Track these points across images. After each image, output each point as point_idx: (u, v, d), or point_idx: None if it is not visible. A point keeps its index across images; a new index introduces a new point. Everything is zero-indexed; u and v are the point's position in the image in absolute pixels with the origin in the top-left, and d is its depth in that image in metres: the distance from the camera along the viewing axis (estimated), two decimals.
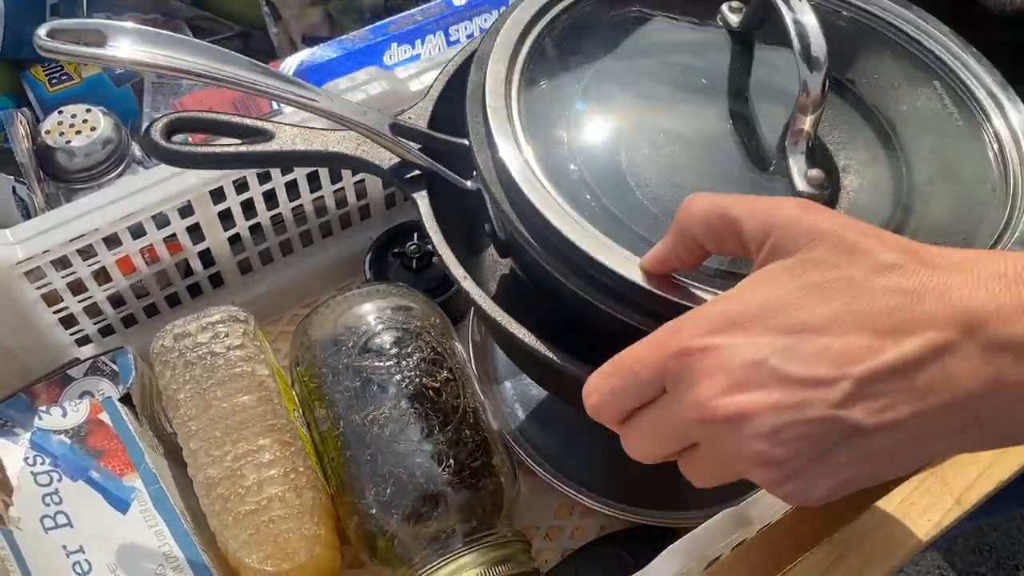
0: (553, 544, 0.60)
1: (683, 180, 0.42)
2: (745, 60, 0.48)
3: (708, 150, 0.44)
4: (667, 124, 0.45)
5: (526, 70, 0.46)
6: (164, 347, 0.55)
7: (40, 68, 0.74)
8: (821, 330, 0.30)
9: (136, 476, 0.52)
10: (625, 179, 0.42)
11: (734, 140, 0.44)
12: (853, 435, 0.30)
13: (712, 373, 0.31)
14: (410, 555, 0.51)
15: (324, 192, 0.65)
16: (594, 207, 0.41)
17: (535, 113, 0.45)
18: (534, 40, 0.48)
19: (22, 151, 0.64)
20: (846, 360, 0.29)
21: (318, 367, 0.56)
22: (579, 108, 0.46)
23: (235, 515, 0.50)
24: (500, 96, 0.45)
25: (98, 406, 0.54)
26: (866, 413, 0.29)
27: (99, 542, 0.50)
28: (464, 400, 0.55)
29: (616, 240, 0.39)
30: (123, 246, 0.58)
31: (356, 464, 0.52)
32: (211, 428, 0.52)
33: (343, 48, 0.69)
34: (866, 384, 0.29)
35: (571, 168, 0.43)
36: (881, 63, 0.49)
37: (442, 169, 0.49)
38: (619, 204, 0.42)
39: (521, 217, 0.42)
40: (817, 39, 0.41)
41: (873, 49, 0.51)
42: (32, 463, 0.51)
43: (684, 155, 0.43)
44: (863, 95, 0.48)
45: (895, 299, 0.30)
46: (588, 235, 0.40)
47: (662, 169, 0.43)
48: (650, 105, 0.46)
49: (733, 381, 0.31)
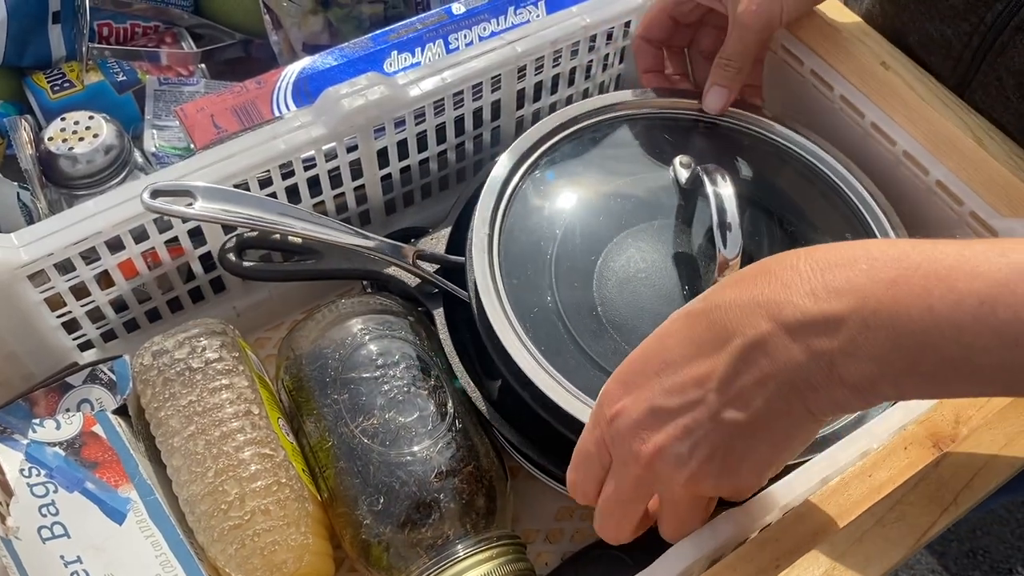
0: (553, 547, 0.61)
1: (639, 301, 0.55)
2: (690, 207, 0.60)
3: (659, 277, 0.56)
4: (623, 261, 0.57)
5: (505, 226, 0.58)
6: (143, 365, 0.55)
7: (42, 75, 0.74)
8: (679, 363, 0.38)
9: (131, 487, 0.52)
10: (593, 301, 0.55)
11: (677, 270, 0.57)
12: (738, 429, 0.37)
13: (630, 428, 0.39)
14: (406, 563, 0.51)
15: (324, 196, 0.65)
16: (564, 338, 0.53)
17: (513, 259, 0.56)
18: (511, 193, 0.59)
19: (26, 157, 0.64)
20: (703, 380, 0.37)
21: (304, 381, 0.56)
22: (552, 254, 0.57)
23: (219, 531, 0.50)
24: (483, 250, 0.55)
25: (91, 419, 0.54)
26: (737, 410, 0.37)
27: (96, 552, 0.50)
28: (452, 407, 0.56)
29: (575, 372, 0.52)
30: (125, 250, 0.58)
31: (347, 475, 0.53)
32: (192, 444, 0.52)
33: (344, 56, 0.69)
34: (723, 390, 0.37)
35: (545, 303, 0.55)
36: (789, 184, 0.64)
37: (455, 289, 0.59)
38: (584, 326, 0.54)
39: (497, 354, 0.53)
40: (732, 211, 0.53)
41: (782, 174, 0.64)
42: (28, 475, 0.51)
43: (640, 285, 0.56)
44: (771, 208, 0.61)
45: (717, 315, 0.38)
46: (544, 375, 0.51)
47: (624, 291, 0.55)
48: (609, 246, 0.58)
49: (644, 428, 0.39)
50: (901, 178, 0.62)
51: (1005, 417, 0.46)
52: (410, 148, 0.67)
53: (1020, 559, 1.32)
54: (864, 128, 0.63)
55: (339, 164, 0.64)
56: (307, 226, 0.57)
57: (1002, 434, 0.46)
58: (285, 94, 0.68)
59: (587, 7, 0.67)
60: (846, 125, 0.65)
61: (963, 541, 1.33)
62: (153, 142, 0.71)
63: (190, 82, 0.76)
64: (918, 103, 0.60)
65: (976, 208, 0.58)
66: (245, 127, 0.65)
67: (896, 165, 0.62)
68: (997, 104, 0.62)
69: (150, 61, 0.76)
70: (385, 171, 0.67)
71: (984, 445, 0.45)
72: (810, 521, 0.44)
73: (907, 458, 0.46)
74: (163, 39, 0.80)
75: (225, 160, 0.59)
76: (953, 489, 0.44)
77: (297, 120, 0.61)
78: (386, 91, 0.61)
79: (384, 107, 0.62)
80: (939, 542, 1.33)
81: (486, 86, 0.66)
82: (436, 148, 0.68)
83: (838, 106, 0.65)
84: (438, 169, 0.71)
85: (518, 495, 0.62)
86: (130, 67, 0.76)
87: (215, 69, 0.79)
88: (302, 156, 0.61)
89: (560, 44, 0.66)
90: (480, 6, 0.71)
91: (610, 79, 0.74)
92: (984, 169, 0.58)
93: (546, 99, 0.71)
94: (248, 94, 0.67)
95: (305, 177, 0.63)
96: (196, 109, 0.66)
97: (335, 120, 0.60)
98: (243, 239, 0.59)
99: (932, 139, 0.60)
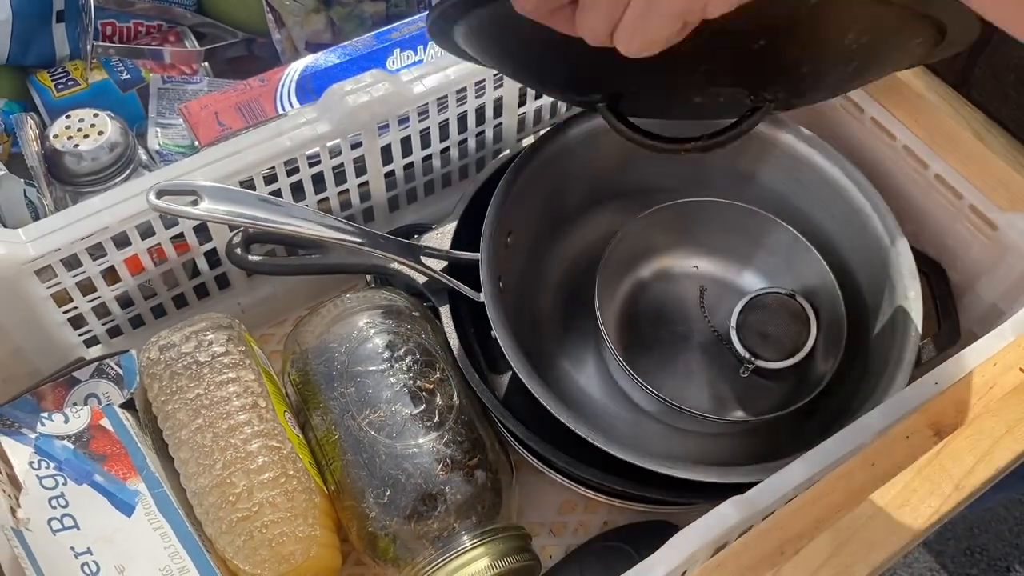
0: (557, 540, 0.61)
1: None
2: None
3: None
4: None
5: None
6: (150, 360, 0.55)
7: (46, 73, 0.74)
8: None
9: (139, 480, 0.53)
10: None
11: None
12: None
13: None
14: (412, 555, 0.52)
15: (329, 193, 0.66)
16: None
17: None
18: None
19: (31, 154, 0.64)
20: None
21: (310, 375, 0.57)
22: None
23: (228, 523, 0.51)
24: None
25: (99, 412, 0.54)
26: None
27: (106, 544, 0.50)
28: (458, 399, 0.56)
29: None
30: (132, 246, 0.58)
31: (354, 468, 0.53)
32: (199, 437, 0.52)
33: (346, 54, 0.70)
34: None
35: None
36: None
37: (459, 285, 0.59)
38: None
39: None
40: None
41: None
42: (37, 467, 0.52)
43: None
44: None
45: None
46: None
47: None
48: None
49: None
50: (901, 172, 0.63)
51: (1006, 404, 0.47)
52: (414, 145, 0.67)
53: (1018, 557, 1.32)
54: (864, 123, 0.64)
55: (343, 161, 0.64)
56: (313, 226, 0.57)
57: (1002, 421, 0.46)
58: (289, 91, 0.68)
59: None
60: (847, 121, 0.65)
61: (961, 539, 1.34)
62: (157, 140, 0.72)
63: (193, 80, 0.76)
64: (917, 98, 0.61)
65: (975, 202, 0.58)
66: (249, 124, 0.66)
67: (896, 160, 0.63)
68: (996, 99, 0.63)
69: (154, 59, 0.76)
70: (389, 168, 0.67)
71: (985, 432, 0.46)
72: (814, 509, 0.44)
73: (909, 446, 0.46)
74: (166, 38, 0.80)
75: (230, 157, 0.59)
76: (955, 476, 0.44)
77: (302, 117, 0.61)
78: (390, 88, 0.62)
79: (388, 104, 0.62)
80: (937, 540, 1.33)
81: (489, 83, 0.67)
82: (439, 145, 0.69)
83: (839, 102, 0.65)
84: (441, 166, 0.71)
85: (522, 489, 0.62)
86: (134, 65, 0.76)
87: (218, 68, 0.80)
88: (307, 153, 0.61)
89: None
90: None
91: None
92: (983, 163, 0.58)
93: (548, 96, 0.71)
94: (252, 92, 0.68)
95: (310, 174, 0.63)
96: (200, 107, 0.67)
97: (340, 117, 0.61)
98: (249, 234, 0.60)
99: (931, 134, 0.60)
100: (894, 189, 0.64)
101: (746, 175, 0.68)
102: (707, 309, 0.67)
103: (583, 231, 0.70)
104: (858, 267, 0.64)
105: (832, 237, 0.65)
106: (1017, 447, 0.45)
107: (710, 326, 0.66)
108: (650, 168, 0.68)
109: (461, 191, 0.66)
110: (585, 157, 0.66)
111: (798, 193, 0.66)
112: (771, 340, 0.63)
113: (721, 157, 0.66)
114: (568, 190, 0.67)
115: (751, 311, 0.64)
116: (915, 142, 0.61)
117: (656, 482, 0.53)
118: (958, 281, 0.63)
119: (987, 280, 0.61)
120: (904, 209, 0.64)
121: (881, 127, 0.63)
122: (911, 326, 0.57)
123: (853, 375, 0.60)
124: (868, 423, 0.48)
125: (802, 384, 0.62)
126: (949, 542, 1.34)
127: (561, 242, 0.70)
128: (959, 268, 0.63)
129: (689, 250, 0.69)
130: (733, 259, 0.69)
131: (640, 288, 0.68)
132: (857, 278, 0.64)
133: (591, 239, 0.70)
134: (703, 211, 0.66)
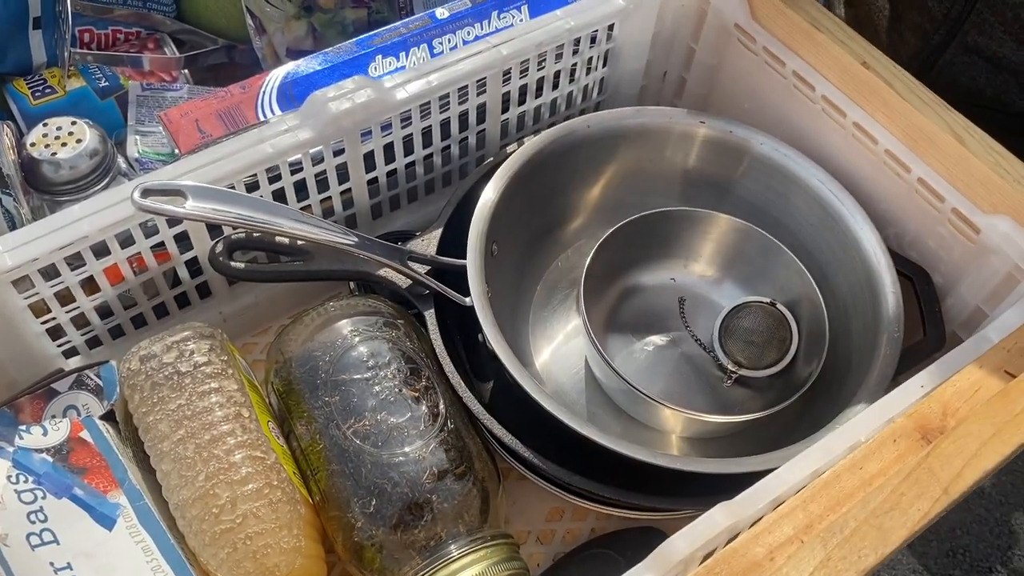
0: (544, 548, 0.61)
1: None
2: None
3: None
4: None
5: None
6: (131, 370, 0.54)
7: (23, 81, 0.74)
8: None
9: (120, 493, 0.52)
10: None
11: None
12: None
13: None
14: (399, 565, 0.51)
15: (311, 201, 0.65)
16: None
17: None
18: None
19: (8, 163, 0.64)
20: None
21: (294, 384, 0.56)
22: None
23: (211, 535, 0.50)
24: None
25: (79, 424, 0.53)
26: None
27: (86, 559, 0.49)
28: (444, 407, 0.56)
29: None
30: (111, 255, 0.58)
31: (339, 478, 0.53)
32: (182, 448, 0.52)
33: (328, 60, 0.69)
34: None
35: None
36: None
37: (445, 290, 0.59)
38: None
39: None
40: None
41: None
42: (15, 481, 0.51)
43: None
44: None
45: None
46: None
47: None
48: None
49: None
50: (884, 176, 0.63)
51: (992, 407, 0.47)
52: (396, 151, 0.67)
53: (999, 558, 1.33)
54: (846, 128, 0.64)
55: (326, 168, 0.64)
56: (299, 226, 0.56)
57: (989, 424, 0.46)
58: (270, 98, 0.67)
59: (572, 10, 0.68)
60: (829, 125, 0.66)
61: (943, 540, 1.34)
62: (136, 148, 0.71)
63: (173, 88, 0.75)
64: (898, 102, 0.61)
65: (958, 204, 0.59)
66: (230, 131, 0.65)
67: (878, 164, 0.63)
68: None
69: (132, 67, 0.76)
70: (372, 175, 0.67)
71: (972, 436, 0.46)
72: (802, 513, 0.44)
73: (896, 450, 0.46)
74: (145, 45, 0.79)
75: (211, 164, 0.58)
76: (943, 480, 0.45)
77: (284, 124, 0.61)
78: (372, 94, 0.61)
79: (371, 110, 0.62)
80: (920, 542, 1.34)
81: (471, 89, 0.66)
82: (422, 152, 0.68)
83: (820, 107, 0.66)
84: (424, 173, 0.71)
85: (509, 496, 0.62)
86: (112, 73, 0.75)
87: (198, 75, 0.79)
88: (289, 160, 0.61)
89: (545, 47, 0.67)
90: (464, 11, 0.71)
91: (594, 82, 0.75)
92: (965, 166, 0.58)
93: (531, 103, 0.71)
94: (233, 99, 0.67)
95: (292, 181, 0.63)
96: (180, 114, 0.66)
97: (322, 123, 0.60)
98: (232, 240, 0.59)
99: (913, 137, 0.60)
100: (877, 193, 0.64)
101: (723, 186, 0.69)
102: (688, 320, 0.67)
103: (566, 240, 0.71)
104: (837, 273, 0.64)
105: (810, 244, 0.66)
106: (1004, 450, 0.45)
107: (693, 337, 0.66)
108: (629, 181, 0.69)
109: (445, 198, 0.66)
110: (567, 169, 0.66)
111: (775, 202, 0.67)
112: (754, 349, 0.63)
113: (699, 169, 0.68)
114: (550, 201, 0.68)
115: (733, 320, 0.64)
116: (897, 146, 0.61)
117: (644, 488, 0.53)
118: (942, 284, 0.63)
119: (970, 283, 0.61)
120: (887, 213, 0.64)
121: (863, 131, 0.63)
122: (893, 330, 0.57)
123: (836, 380, 0.60)
124: (855, 427, 0.48)
125: (787, 390, 0.62)
126: (932, 543, 1.35)
127: (544, 252, 0.70)
128: (942, 271, 0.63)
129: (667, 262, 0.69)
130: (713, 269, 0.69)
131: (623, 297, 0.69)
132: (837, 284, 0.64)
133: (575, 247, 0.71)
134: (678, 221, 0.67)
